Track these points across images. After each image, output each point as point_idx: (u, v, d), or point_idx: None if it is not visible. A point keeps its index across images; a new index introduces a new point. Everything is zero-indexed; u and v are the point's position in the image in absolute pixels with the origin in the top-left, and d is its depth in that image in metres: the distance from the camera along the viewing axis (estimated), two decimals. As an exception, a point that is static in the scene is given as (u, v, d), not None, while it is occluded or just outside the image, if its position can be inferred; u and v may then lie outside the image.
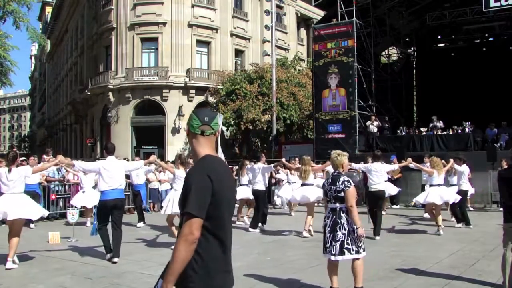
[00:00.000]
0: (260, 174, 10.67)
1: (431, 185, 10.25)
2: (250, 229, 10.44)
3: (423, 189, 13.02)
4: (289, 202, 13.65)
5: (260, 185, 10.71)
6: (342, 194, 5.10)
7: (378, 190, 9.52)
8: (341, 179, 5.17)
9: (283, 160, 11.97)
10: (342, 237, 5.01)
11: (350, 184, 5.12)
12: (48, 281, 6.10)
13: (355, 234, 5.00)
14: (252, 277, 6.16)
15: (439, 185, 10.07)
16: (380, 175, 9.49)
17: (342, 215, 5.09)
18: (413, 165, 10.59)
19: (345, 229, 5.02)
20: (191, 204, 2.27)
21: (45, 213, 7.87)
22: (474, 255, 7.52)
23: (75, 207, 10.58)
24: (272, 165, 11.54)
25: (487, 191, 14.46)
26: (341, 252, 5.02)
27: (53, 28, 52.37)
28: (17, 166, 7.17)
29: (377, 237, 9.18)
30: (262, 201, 10.88)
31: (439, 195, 9.92)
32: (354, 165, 10.38)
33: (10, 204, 6.86)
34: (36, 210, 7.39)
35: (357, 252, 5.02)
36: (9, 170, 6.94)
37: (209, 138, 2.51)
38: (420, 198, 10.36)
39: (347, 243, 5.00)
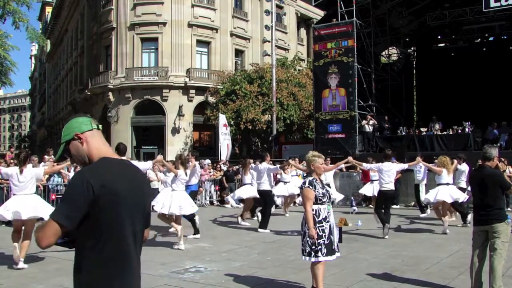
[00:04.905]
0: (266, 174, 10.60)
1: (439, 184, 10.27)
2: (260, 230, 10.22)
3: (417, 189, 13.29)
4: (284, 202, 13.64)
5: (266, 185, 10.65)
6: None
7: (389, 189, 9.53)
8: (305, 179, 5.14)
9: (290, 161, 11.91)
10: (301, 238, 5.04)
11: (304, 185, 5.03)
12: (48, 281, 6.10)
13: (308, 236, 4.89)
14: (252, 277, 6.16)
15: (447, 184, 10.13)
16: (391, 174, 9.49)
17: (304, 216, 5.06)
18: (422, 164, 10.61)
19: (303, 231, 5.01)
20: None
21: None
22: (474, 255, 7.50)
23: None
24: (278, 166, 11.43)
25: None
26: (301, 253, 5.05)
27: (53, 28, 52.36)
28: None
29: (386, 236, 9.20)
30: (269, 201, 10.83)
31: (448, 193, 9.99)
32: (365, 164, 10.40)
33: (22, 205, 6.86)
34: (48, 209, 7.44)
35: (315, 256, 4.86)
36: (21, 171, 6.89)
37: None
38: (430, 197, 10.38)
39: (303, 245, 4.99)
